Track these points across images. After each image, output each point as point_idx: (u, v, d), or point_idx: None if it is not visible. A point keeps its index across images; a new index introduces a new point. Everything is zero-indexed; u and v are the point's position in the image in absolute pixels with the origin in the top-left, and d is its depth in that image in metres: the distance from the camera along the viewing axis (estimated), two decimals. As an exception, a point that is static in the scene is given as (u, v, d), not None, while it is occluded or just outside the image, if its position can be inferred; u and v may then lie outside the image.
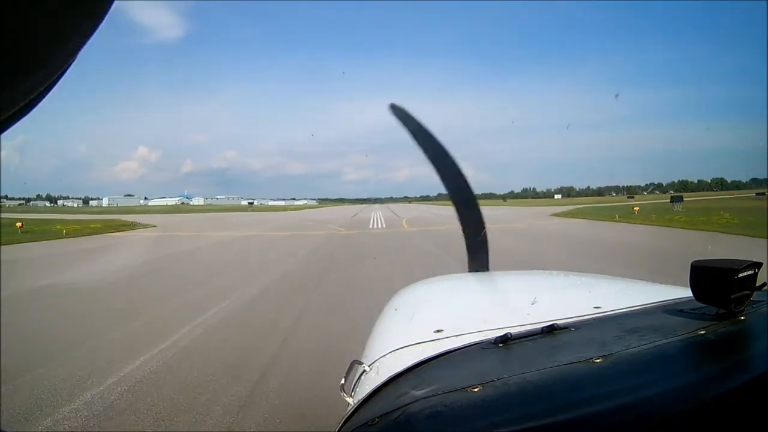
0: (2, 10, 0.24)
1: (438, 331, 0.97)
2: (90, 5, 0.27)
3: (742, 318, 0.71)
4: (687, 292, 0.77)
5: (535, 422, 0.48)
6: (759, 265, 0.70)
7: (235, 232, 19.39)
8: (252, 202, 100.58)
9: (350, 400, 0.83)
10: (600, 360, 0.60)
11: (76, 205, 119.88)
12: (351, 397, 0.86)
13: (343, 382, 0.91)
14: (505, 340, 0.75)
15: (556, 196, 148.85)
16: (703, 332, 0.67)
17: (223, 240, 16.23)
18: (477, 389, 0.57)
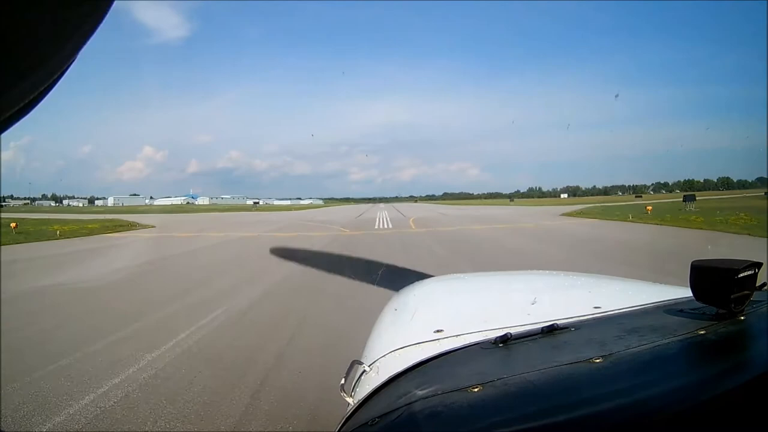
0: (2, 10, 0.23)
1: (438, 331, 0.97)
2: (90, 5, 0.27)
3: (742, 318, 0.70)
4: (687, 292, 0.77)
5: (535, 422, 0.48)
6: (759, 265, 0.70)
7: (234, 233, 18.61)
8: (257, 202, 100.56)
9: (350, 400, 0.82)
10: (600, 360, 0.60)
11: (82, 205, 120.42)
12: (351, 397, 0.85)
13: (343, 382, 0.89)
14: (505, 340, 0.74)
15: (563, 196, 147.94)
16: (703, 332, 0.67)
17: (220, 242, 15.43)
18: (477, 389, 0.56)
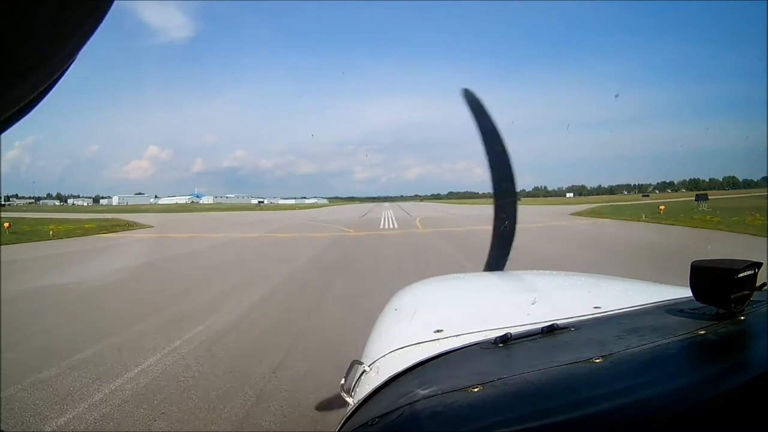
0: (2, 10, 0.23)
1: (438, 331, 0.96)
2: (90, 5, 0.27)
3: (742, 318, 0.70)
4: (687, 292, 0.77)
5: (535, 422, 0.47)
6: (759, 265, 0.69)
7: (235, 234, 17.88)
8: (262, 201, 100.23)
9: (350, 400, 0.82)
10: (600, 360, 0.60)
11: (86, 204, 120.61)
12: (351, 397, 0.84)
13: (343, 382, 0.88)
14: (505, 340, 0.74)
15: (568, 195, 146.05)
16: (703, 332, 0.67)
17: (218, 243, 14.69)
18: (477, 389, 0.56)
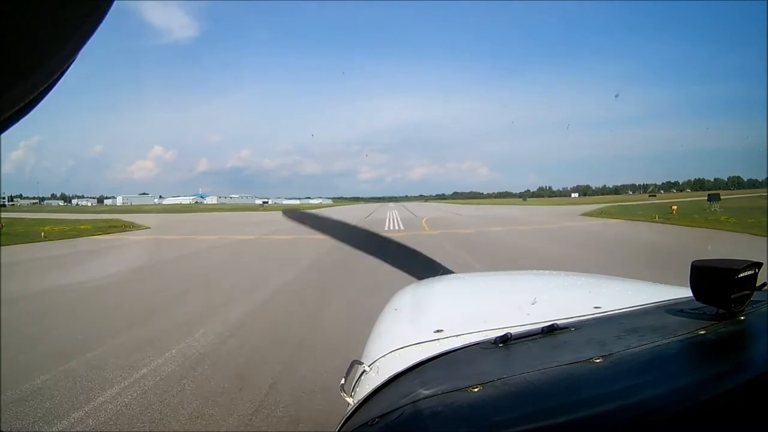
0: (2, 10, 0.23)
1: (438, 331, 0.96)
2: (90, 5, 0.27)
3: (742, 318, 0.70)
4: (687, 292, 0.76)
5: (535, 422, 0.47)
6: (759, 265, 0.69)
7: (232, 235, 17.08)
8: (266, 201, 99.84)
9: (350, 400, 0.81)
10: (600, 360, 0.60)
11: (90, 204, 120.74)
12: (351, 397, 0.84)
13: (343, 382, 0.88)
14: (505, 340, 0.74)
15: (573, 195, 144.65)
16: (703, 332, 0.66)
17: (212, 246, 13.87)
18: (477, 389, 0.56)
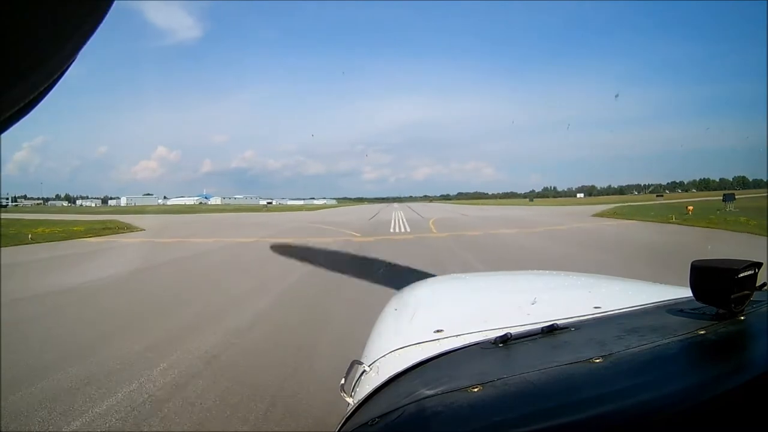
0: (2, 10, 0.23)
1: (438, 331, 0.96)
2: (90, 5, 0.27)
3: (742, 318, 0.70)
4: (687, 292, 0.76)
5: (535, 422, 0.47)
6: (759, 265, 0.69)
7: (230, 238, 16.20)
8: (270, 202, 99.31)
9: (350, 400, 0.81)
10: (600, 360, 0.60)
11: (94, 205, 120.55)
12: (351, 397, 0.84)
13: (343, 382, 0.88)
14: (505, 340, 0.74)
15: (578, 195, 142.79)
16: (703, 332, 0.66)
17: (207, 250, 12.98)
18: (477, 389, 0.56)
